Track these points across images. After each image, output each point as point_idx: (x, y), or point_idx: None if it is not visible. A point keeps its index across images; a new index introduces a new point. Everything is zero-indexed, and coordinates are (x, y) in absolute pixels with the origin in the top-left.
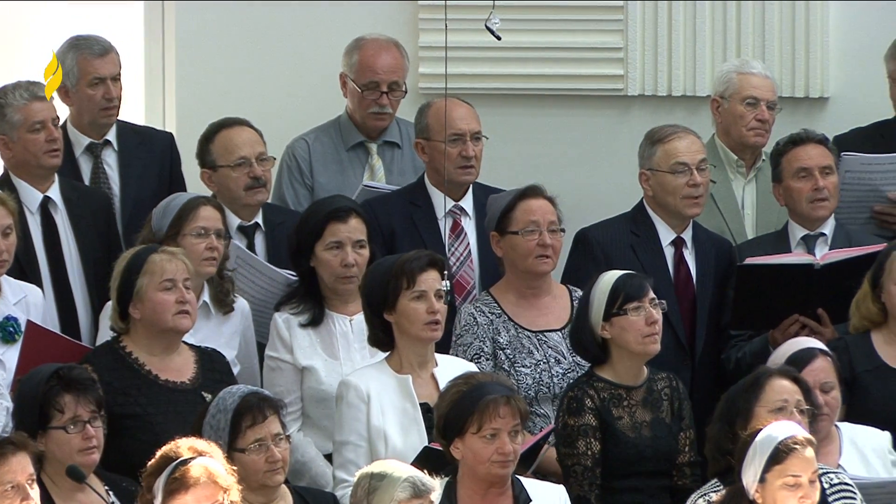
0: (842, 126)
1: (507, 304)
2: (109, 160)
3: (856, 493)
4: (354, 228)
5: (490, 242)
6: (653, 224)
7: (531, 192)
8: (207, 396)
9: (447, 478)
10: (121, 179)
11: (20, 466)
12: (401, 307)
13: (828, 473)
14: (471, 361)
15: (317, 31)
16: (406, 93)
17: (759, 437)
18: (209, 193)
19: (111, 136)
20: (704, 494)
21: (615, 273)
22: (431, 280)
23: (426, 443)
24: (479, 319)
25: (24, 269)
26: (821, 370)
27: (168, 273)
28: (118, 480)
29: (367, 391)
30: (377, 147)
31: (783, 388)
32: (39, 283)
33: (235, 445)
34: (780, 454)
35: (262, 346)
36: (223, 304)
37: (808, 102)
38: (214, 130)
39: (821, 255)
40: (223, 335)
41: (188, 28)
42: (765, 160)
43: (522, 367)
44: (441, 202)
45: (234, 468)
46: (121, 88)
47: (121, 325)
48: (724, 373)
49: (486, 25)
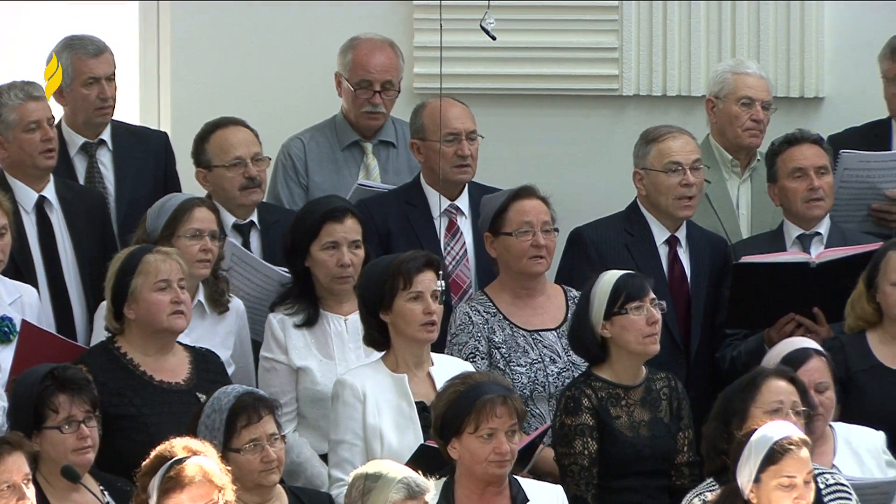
0: (836, 126)
1: (502, 304)
2: (104, 160)
3: (851, 494)
4: (350, 228)
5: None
6: (647, 223)
7: (524, 193)
8: (202, 397)
9: (443, 478)
10: (116, 179)
11: (16, 466)
12: (397, 308)
13: (824, 474)
14: (466, 360)
15: (312, 31)
16: (399, 92)
17: (755, 438)
18: (204, 193)
19: (106, 136)
20: (700, 494)
21: (616, 272)
22: (428, 281)
23: (422, 442)
24: (475, 318)
25: (20, 269)
26: (815, 370)
27: (163, 273)
28: (113, 480)
29: (363, 390)
30: (372, 146)
31: (779, 390)
32: (35, 283)
33: (230, 445)
34: (776, 455)
35: (258, 345)
36: (218, 304)
37: (803, 102)
38: (210, 130)
39: (816, 254)
40: (218, 335)
41: (183, 28)
42: (760, 160)
43: (518, 367)
44: (437, 202)
45: (229, 468)
46: (115, 88)
47: (115, 326)
48: (719, 372)
49: (481, 25)
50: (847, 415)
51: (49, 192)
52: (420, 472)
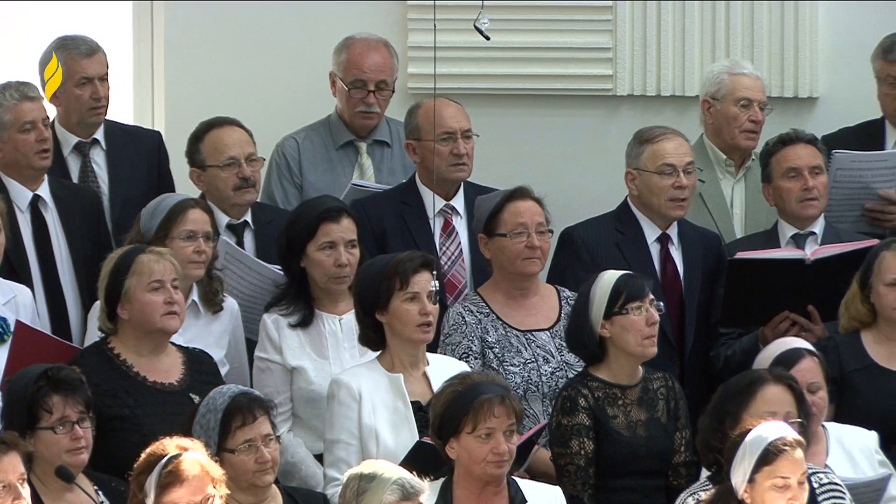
0: (830, 126)
1: (496, 304)
2: (98, 159)
3: (845, 493)
4: (346, 228)
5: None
6: (637, 222)
7: (519, 194)
8: (195, 398)
9: (441, 479)
10: (109, 178)
11: (11, 466)
12: (393, 308)
13: (817, 473)
14: (459, 360)
15: (306, 31)
16: (394, 92)
17: (749, 438)
18: (198, 192)
19: (99, 136)
20: (694, 493)
21: (615, 272)
22: (424, 281)
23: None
24: (468, 319)
25: (15, 268)
26: (808, 370)
27: (156, 274)
28: (107, 480)
29: (359, 389)
30: (367, 146)
31: (774, 399)
32: (30, 282)
33: (225, 445)
34: (770, 455)
35: (252, 344)
36: (212, 304)
37: (797, 103)
38: (204, 130)
39: (811, 251)
40: (212, 335)
41: (177, 27)
42: (754, 160)
43: (511, 367)
44: (432, 202)
45: (223, 469)
46: (108, 88)
47: (109, 326)
48: (714, 370)
49: (475, 25)
50: (841, 415)
51: (44, 191)
52: (414, 473)
